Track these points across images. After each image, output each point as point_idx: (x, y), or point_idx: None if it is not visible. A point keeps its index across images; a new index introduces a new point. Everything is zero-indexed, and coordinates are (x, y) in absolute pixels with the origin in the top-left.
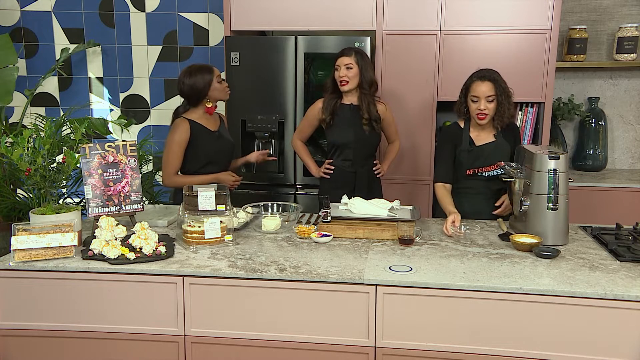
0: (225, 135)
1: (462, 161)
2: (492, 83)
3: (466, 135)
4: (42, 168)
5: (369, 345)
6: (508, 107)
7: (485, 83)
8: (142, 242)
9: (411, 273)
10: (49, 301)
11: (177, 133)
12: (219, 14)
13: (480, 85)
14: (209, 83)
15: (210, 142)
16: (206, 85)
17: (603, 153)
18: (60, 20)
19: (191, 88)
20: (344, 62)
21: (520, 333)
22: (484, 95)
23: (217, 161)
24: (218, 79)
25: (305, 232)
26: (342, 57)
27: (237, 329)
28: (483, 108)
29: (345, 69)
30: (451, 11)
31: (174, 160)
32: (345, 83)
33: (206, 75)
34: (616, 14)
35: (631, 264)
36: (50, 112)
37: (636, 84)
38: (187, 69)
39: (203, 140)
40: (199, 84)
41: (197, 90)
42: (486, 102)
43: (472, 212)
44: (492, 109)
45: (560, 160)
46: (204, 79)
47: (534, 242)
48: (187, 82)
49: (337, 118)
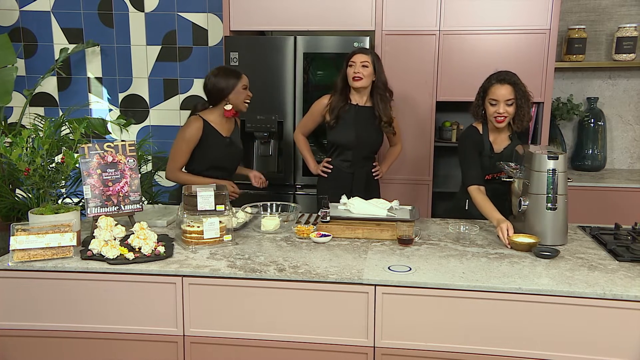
0: (236, 142)
1: (484, 167)
2: (512, 86)
3: (486, 140)
4: (41, 168)
5: (368, 345)
6: (528, 111)
7: (504, 86)
8: (141, 242)
9: (410, 273)
10: (47, 301)
11: (188, 130)
12: (218, 14)
13: (499, 88)
14: (233, 86)
15: (219, 147)
16: (229, 87)
17: (602, 153)
18: (59, 20)
19: (214, 86)
20: (360, 59)
21: (519, 333)
22: (504, 98)
23: (223, 167)
24: (244, 86)
25: (304, 232)
26: (359, 54)
27: (236, 329)
28: (502, 112)
29: (360, 66)
30: (450, 11)
31: (180, 157)
32: (359, 79)
33: (232, 79)
34: (615, 14)
35: (630, 263)
36: (49, 112)
37: (635, 84)
38: (217, 68)
39: (212, 144)
40: (222, 84)
41: (218, 89)
42: (505, 106)
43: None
44: (511, 112)
45: (559, 160)
46: (229, 82)
47: (532, 242)
48: (212, 80)
49: (341, 119)
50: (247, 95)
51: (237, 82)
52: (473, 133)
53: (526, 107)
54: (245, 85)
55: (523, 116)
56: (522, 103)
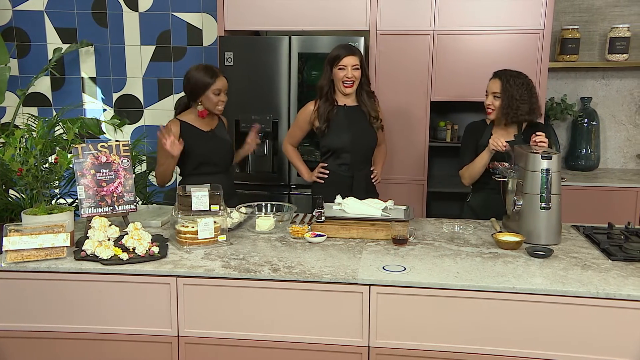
0: (221, 135)
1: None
2: (499, 81)
3: (488, 131)
4: (34, 168)
5: (363, 345)
6: (511, 107)
7: (494, 80)
8: (135, 242)
9: (405, 273)
10: (41, 302)
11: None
12: (212, 14)
13: (491, 82)
14: (204, 88)
15: (201, 142)
16: (200, 89)
17: (595, 153)
18: (52, 20)
19: (188, 82)
20: (351, 63)
21: (513, 332)
22: (491, 91)
23: (211, 162)
24: (215, 91)
25: (299, 232)
26: (349, 57)
27: (231, 329)
28: (489, 103)
29: (352, 69)
30: (444, 11)
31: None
32: (350, 85)
33: (207, 79)
34: (608, 15)
35: (623, 263)
36: (42, 112)
37: (628, 84)
38: (198, 65)
39: (194, 141)
40: (196, 81)
41: (191, 87)
42: (492, 98)
43: (484, 207)
44: (497, 105)
45: (553, 160)
46: (203, 82)
47: (517, 241)
48: (189, 74)
49: (332, 122)
50: (218, 100)
51: (210, 83)
52: (477, 123)
53: (512, 102)
54: (217, 90)
55: (517, 108)
56: (505, 97)
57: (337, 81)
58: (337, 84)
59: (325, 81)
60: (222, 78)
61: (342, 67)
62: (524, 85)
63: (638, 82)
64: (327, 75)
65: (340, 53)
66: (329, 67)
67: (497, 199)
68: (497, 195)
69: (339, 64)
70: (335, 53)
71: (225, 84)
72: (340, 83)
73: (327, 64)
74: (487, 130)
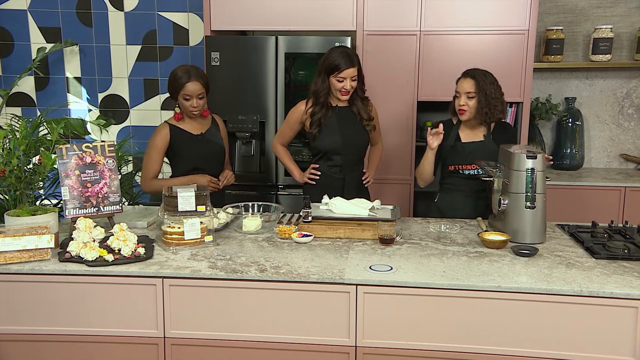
0: (212, 138)
1: (445, 156)
2: (473, 80)
3: (454, 131)
4: (17, 169)
5: (350, 344)
6: (488, 106)
7: (466, 80)
8: (121, 243)
9: (391, 272)
10: (25, 304)
11: (155, 138)
12: (198, 14)
13: (462, 82)
14: (175, 91)
15: (191, 146)
16: (173, 92)
17: (580, 152)
18: (36, 19)
19: (169, 82)
20: (350, 75)
21: (499, 330)
22: (464, 91)
23: (203, 166)
24: (185, 96)
25: (286, 232)
26: (349, 69)
27: (218, 330)
28: (462, 104)
29: (350, 81)
30: (431, 12)
31: (152, 165)
32: (347, 93)
33: (177, 83)
34: (591, 16)
35: (606, 261)
36: (26, 113)
37: (611, 84)
38: (180, 66)
39: (184, 145)
40: (169, 85)
41: (168, 89)
42: (466, 99)
43: (450, 209)
44: (472, 106)
45: (538, 160)
46: (173, 85)
47: (503, 240)
48: (172, 73)
49: (323, 125)
50: (189, 105)
51: (180, 88)
52: (443, 123)
53: (486, 102)
54: (187, 95)
55: (494, 107)
56: (481, 98)
57: (334, 90)
58: (334, 91)
59: (321, 88)
60: (195, 83)
61: (340, 79)
62: (494, 83)
63: (621, 82)
64: (324, 83)
65: (339, 64)
66: (325, 74)
67: (464, 200)
68: (464, 197)
69: (338, 75)
70: (334, 62)
71: (197, 89)
72: (337, 92)
73: (324, 71)
74: (453, 131)
